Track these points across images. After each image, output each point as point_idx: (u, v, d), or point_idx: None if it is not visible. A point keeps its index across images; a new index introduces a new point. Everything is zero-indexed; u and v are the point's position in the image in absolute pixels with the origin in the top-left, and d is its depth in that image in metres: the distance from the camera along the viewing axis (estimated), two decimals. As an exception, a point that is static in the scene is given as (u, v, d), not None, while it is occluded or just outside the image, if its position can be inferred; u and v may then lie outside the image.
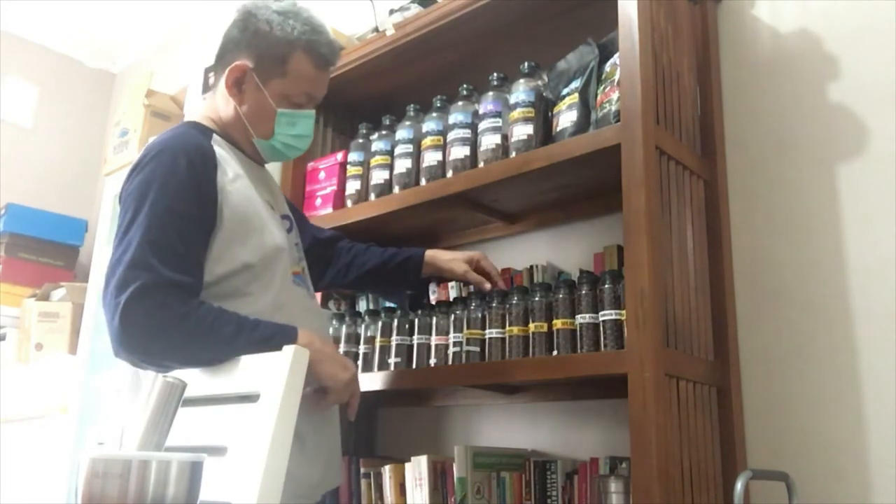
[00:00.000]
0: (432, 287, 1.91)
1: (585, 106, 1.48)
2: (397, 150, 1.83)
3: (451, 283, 1.86)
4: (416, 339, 1.69)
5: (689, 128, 1.50)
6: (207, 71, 2.48)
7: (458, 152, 1.67)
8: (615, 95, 1.40)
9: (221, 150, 1.36)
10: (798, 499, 1.26)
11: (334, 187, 1.97)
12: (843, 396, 1.38)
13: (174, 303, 1.17)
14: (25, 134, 3.66)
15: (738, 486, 1.16)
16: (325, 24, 1.45)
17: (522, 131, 1.55)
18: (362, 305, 2.03)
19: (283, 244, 1.36)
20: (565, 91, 1.54)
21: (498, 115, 1.62)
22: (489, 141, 1.61)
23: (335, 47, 1.44)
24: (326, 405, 1.30)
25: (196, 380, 1.17)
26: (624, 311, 1.32)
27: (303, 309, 1.38)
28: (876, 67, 1.45)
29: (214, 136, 1.39)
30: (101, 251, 2.83)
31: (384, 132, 1.90)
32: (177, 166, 1.26)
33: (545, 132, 1.56)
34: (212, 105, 1.45)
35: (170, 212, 1.23)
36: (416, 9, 1.86)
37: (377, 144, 1.89)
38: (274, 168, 2.09)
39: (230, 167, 1.34)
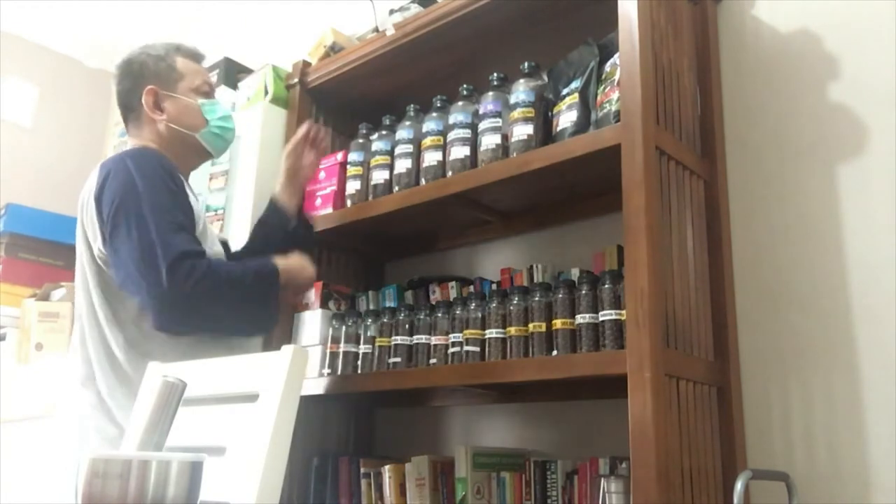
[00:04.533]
0: (432, 287, 1.91)
1: (585, 106, 1.48)
2: (397, 150, 1.83)
3: (450, 284, 1.86)
4: (416, 339, 1.69)
5: (689, 128, 1.50)
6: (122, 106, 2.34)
7: (458, 152, 1.67)
8: (615, 95, 1.40)
9: None
10: (798, 499, 1.26)
11: (334, 187, 1.97)
12: (843, 396, 1.38)
13: (199, 265, 1.37)
14: (25, 134, 3.66)
15: (738, 486, 1.16)
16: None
17: (522, 131, 1.55)
18: (362, 305, 2.03)
19: (221, 252, 1.61)
20: (565, 91, 1.54)
21: (498, 115, 1.61)
22: (489, 141, 1.61)
23: (195, 47, 1.71)
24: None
25: (196, 380, 1.17)
26: (624, 311, 1.32)
27: None
28: (876, 67, 1.45)
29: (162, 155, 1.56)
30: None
31: (384, 132, 1.89)
32: (156, 167, 1.47)
33: (545, 132, 1.56)
34: (142, 137, 1.62)
35: (169, 201, 1.44)
36: (416, 9, 1.86)
37: (377, 144, 1.89)
38: (275, 168, 2.09)
39: (187, 185, 1.57)
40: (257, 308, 1.49)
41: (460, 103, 1.71)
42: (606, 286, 1.38)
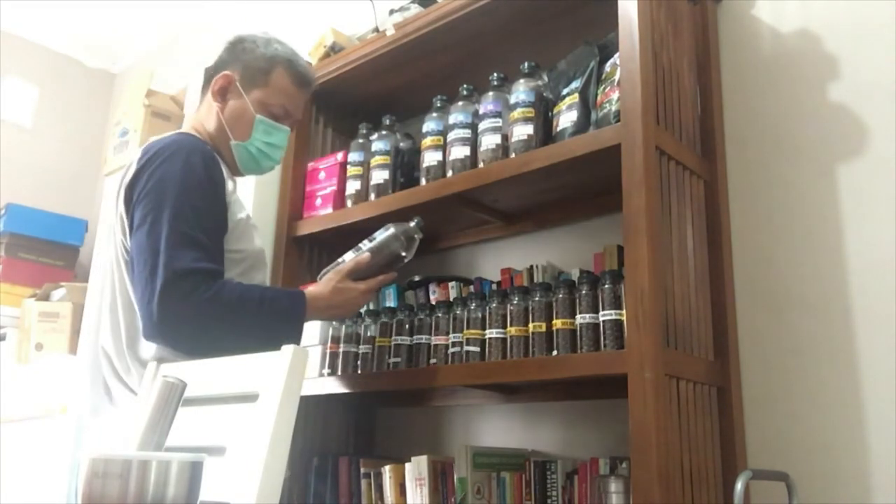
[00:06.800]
0: (432, 287, 1.91)
1: (585, 106, 1.48)
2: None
3: (450, 284, 1.86)
4: (416, 339, 1.69)
5: (689, 128, 1.50)
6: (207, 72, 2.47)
7: (458, 152, 1.67)
8: (615, 95, 1.40)
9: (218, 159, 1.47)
10: (798, 499, 1.26)
11: (334, 187, 1.97)
12: (843, 396, 1.38)
13: (203, 287, 1.27)
14: (25, 134, 3.66)
15: (738, 486, 1.16)
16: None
17: (522, 131, 1.55)
18: (362, 305, 2.02)
19: (263, 249, 1.51)
20: (565, 91, 1.54)
21: (498, 115, 1.62)
22: (489, 141, 1.61)
23: (312, 73, 1.63)
24: None
25: (196, 380, 1.17)
26: (624, 311, 1.32)
27: None
28: (876, 67, 1.45)
29: (206, 146, 1.48)
30: (101, 251, 2.83)
31: (384, 132, 1.90)
32: (194, 165, 1.37)
33: (545, 132, 1.56)
34: (197, 118, 1.57)
35: (193, 208, 1.33)
36: (416, 9, 1.86)
37: (377, 144, 1.89)
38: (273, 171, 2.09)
39: (228, 178, 1.46)
40: (269, 335, 1.33)
41: (460, 103, 1.71)
42: (606, 286, 1.38)
